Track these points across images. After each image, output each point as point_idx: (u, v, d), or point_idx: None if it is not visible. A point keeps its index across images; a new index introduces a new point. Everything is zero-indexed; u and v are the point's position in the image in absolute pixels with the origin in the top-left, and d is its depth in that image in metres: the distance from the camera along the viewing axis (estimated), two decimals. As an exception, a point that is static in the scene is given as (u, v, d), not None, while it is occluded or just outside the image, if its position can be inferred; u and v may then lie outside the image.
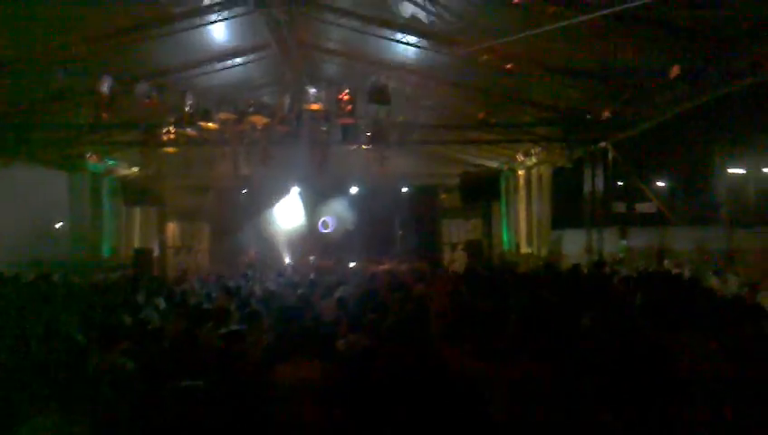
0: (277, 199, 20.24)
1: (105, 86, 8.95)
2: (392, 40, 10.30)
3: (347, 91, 9.28)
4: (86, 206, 16.61)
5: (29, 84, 9.95)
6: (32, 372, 5.19)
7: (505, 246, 18.11)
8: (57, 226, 19.21)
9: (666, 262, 14.08)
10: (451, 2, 8.79)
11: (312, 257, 19.79)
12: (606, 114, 11.48)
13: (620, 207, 20.15)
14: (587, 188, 13.54)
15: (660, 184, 26.01)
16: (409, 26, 9.92)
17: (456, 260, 19.54)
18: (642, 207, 20.89)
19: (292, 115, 9.69)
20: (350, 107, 9.26)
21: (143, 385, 4.77)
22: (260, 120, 9.63)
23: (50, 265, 14.71)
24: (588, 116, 12.24)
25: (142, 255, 17.65)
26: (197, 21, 9.78)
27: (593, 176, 13.35)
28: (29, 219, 15.99)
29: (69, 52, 9.21)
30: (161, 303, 9.15)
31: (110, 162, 16.63)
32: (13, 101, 11.25)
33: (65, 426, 3.94)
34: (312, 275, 13.25)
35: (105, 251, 17.13)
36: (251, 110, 9.52)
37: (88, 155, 15.28)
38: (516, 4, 8.07)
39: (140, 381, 4.88)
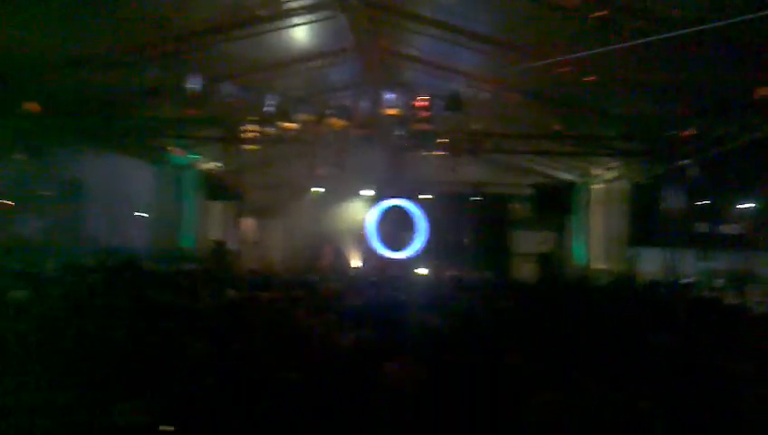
0: (351, 201, 20.53)
1: (194, 84, 9.37)
2: (471, 49, 10.37)
3: (423, 97, 9.38)
4: (169, 197, 17.39)
5: (120, 79, 10.51)
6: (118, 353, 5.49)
7: (577, 261, 17.78)
8: (141, 215, 20.07)
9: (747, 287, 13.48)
10: (531, 13, 8.77)
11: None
12: (688, 131, 11.16)
13: (703, 227, 19.37)
14: (666, 205, 13.19)
15: (749, 205, 24.84)
16: (489, 37, 9.97)
17: (525, 272, 19.29)
18: (727, 229, 20.01)
19: (370, 119, 9.88)
20: (425, 113, 9.37)
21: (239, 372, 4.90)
22: (338, 123, 9.86)
23: (132, 252, 15.43)
24: (669, 132, 11.92)
25: (219, 247, 18.27)
26: (283, 23, 10.16)
27: (673, 194, 13.00)
28: (115, 208, 16.76)
29: (159, 49, 9.72)
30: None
31: (193, 156, 17.29)
32: (105, 94, 11.90)
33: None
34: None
35: (184, 242, 17.85)
36: (329, 112, 9.76)
37: (173, 149, 15.95)
38: (595, 18, 8.01)
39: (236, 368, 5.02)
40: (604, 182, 16.06)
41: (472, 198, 19.64)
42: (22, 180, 14.58)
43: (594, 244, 16.69)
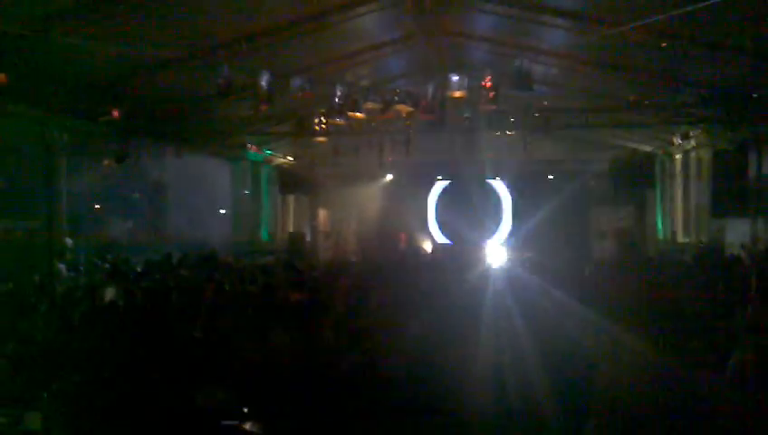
0: (421, 186, 20.53)
1: (264, 81, 9.53)
2: (539, 23, 10.13)
3: (490, 77, 9.24)
4: (246, 193, 17.93)
5: (197, 80, 10.85)
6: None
7: (660, 236, 17.19)
8: (222, 211, 20.77)
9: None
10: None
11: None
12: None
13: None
14: (753, 172, 12.56)
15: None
16: (557, 8, 9.70)
17: (605, 250, 18.79)
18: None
19: (436, 103, 9.81)
20: (492, 93, 9.23)
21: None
22: (404, 109, 9.86)
23: (213, 247, 16.00)
24: (754, 95, 11.31)
25: (296, 239, 18.69)
26: (348, 14, 10.20)
27: (760, 159, 12.37)
28: (196, 205, 17.42)
29: (231, 49, 9.96)
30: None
31: (268, 152, 17.74)
32: (182, 95, 12.33)
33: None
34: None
35: (263, 235, 18.36)
36: (396, 99, 9.77)
37: (248, 145, 16.42)
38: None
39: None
40: (686, 151, 15.43)
41: (548, 177, 19.26)
42: (110, 184, 15.39)
43: (678, 216, 16.09)
